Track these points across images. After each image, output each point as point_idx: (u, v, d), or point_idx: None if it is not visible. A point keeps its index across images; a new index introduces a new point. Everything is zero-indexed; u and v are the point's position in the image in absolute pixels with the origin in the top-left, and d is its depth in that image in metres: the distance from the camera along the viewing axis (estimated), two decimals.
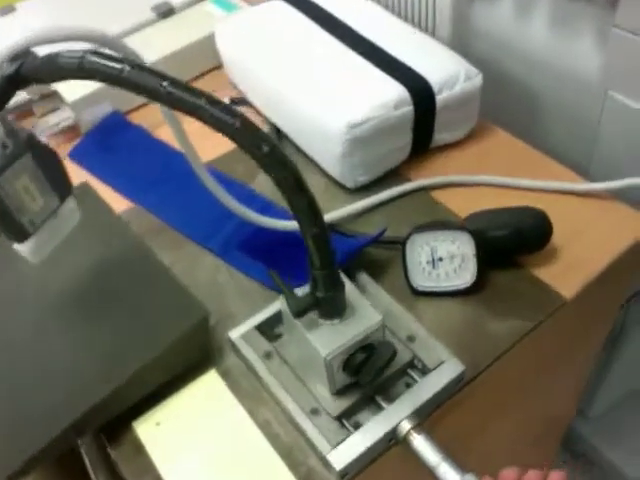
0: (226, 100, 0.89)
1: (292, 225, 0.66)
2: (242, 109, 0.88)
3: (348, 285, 0.52)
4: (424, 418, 0.54)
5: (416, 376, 0.55)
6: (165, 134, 0.84)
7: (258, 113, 0.85)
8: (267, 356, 0.57)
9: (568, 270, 0.64)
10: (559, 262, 0.65)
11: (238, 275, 0.68)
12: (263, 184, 0.77)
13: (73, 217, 0.53)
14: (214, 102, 0.38)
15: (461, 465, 0.49)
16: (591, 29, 0.74)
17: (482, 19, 0.84)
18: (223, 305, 0.65)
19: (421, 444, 0.51)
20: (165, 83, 0.37)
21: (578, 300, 0.63)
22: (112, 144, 0.85)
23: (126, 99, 0.88)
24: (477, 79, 0.73)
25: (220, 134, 0.40)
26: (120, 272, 0.59)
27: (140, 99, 0.89)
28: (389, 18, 0.82)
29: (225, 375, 0.59)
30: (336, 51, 0.77)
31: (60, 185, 0.49)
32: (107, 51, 0.42)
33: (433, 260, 0.62)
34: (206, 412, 0.56)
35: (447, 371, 0.55)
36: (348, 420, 0.53)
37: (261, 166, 0.40)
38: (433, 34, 0.86)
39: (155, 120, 0.87)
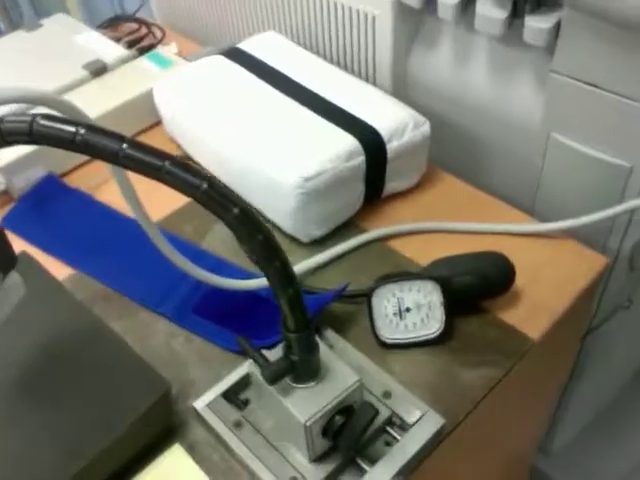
0: None
1: (250, 284, 0.64)
2: None
3: (320, 345, 0.49)
4: (408, 476, 0.51)
5: (395, 433, 0.53)
6: (104, 196, 0.81)
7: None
8: (237, 425, 0.54)
9: (533, 311, 0.64)
10: (523, 304, 0.65)
11: (195, 340, 0.64)
12: (213, 243, 0.74)
13: (17, 291, 0.49)
14: (178, 164, 0.35)
15: None
16: (530, 74, 0.76)
17: (421, 68, 0.85)
18: (182, 373, 0.61)
19: None
20: (124, 145, 0.34)
21: (545, 339, 0.62)
22: (48, 209, 0.80)
23: (59, 161, 0.84)
24: (425, 127, 0.74)
25: (169, 193, 0.37)
26: (71, 349, 0.55)
27: (74, 161, 0.86)
28: (332, 70, 0.82)
29: (191, 449, 0.55)
30: (282, 104, 0.76)
31: (2, 258, 0.45)
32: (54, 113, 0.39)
33: (400, 311, 0.60)
34: None
35: (427, 426, 0.53)
36: None
37: (231, 229, 0.38)
38: (374, 84, 0.87)
39: (92, 182, 0.83)
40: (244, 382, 0.57)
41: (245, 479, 0.52)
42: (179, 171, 0.35)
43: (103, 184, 0.83)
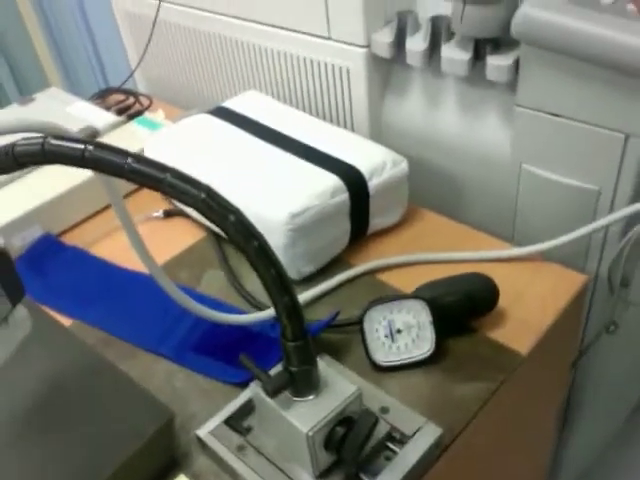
0: (159, 213, 0.89)
1: (248, 319, 0.66)
2: (177, 220, 0.89)
3: (319, 361, 0.52)
4: None
5: (396, 448, 0.54)
6: (101, 251, 0.84)
7: (195, 223, 0.86)
8: (240, 449, 0.55)
9: (519, 328, 0.67)
10: (509, 323, 0.68)
11: (195, 377, 0.66)
12: (209, 287, 0.76)
13: (25, 325, 0.51)
14: (178, 176, 0.39)
15: None
16: (496, 110, 0.81)
17: (395, 113, 0.91)
18: (184, 409, 0.62)
19: None
20: (129, 160, 0.37)
21: (533, 355, 0.65)
22: (46, 267, 0.83)
23: (56, 221, 0.87)
24: (403, 165, 0.78)
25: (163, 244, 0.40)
26: (77, 383, 0.56)
27: (70, 220, 0.89)
28: (312, 119, 0.87)
29: (196, 478, 0.55)
30: (267, 152, 0.80)
31: (12, 288, 0.47)
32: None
33: (391, 333, 0.63)
34: None
35: (426, 436, 0.54)
36: None
37: (228, 235, 0.41)
38: (353, 132, 0.92)
39: (89, 239, 0.86)
40: (246, 409, 0.58)
41: None
42: (180, 182, 0.38)
43: (98, 241, 0.86)
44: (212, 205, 0.39)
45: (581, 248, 0.80)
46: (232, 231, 0.40)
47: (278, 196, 0.72)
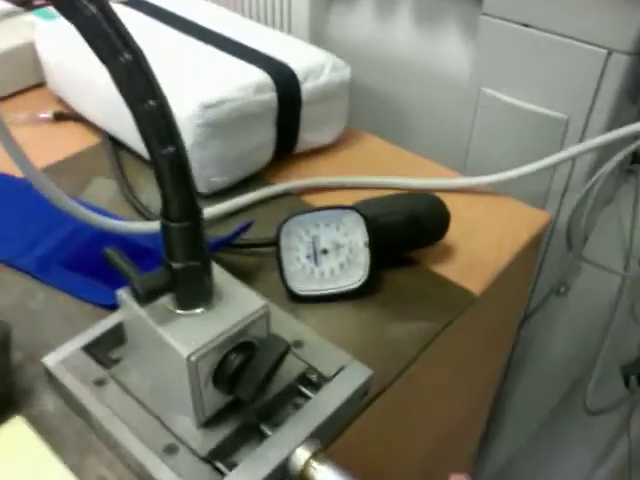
0: (49, 114, 0.73)
1: (140, 227, 0.51)
2: (69, 124, 0.73)
3: (216, 267, 0.38)
4: (327, 443, 0.39)
5: (310, 393, 0.41)
6: None
7: (90, 126, 0.71)
8: (99, 384, 0.40)
9: (471, 266, 0.55)
10: (458, 258, 0.56)
11: (59, 298, 0.51)
12: (95, 196, 0.61)
13: None
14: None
15: None
16: (458, 25, 0.69)
17: (341, 23, 0.77)
18: (37, 334, 0.47)
19: (328, 478, 0.36)
20: None
21: (486, 296, 0.53)
22: None
23: None
24: (345, 71, 0.65)
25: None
26: None
27: None
28: (241, 19, 0.73)
29: (37, 421, 0.41)
30: (186, 45, 0.65)
31: None
32: None
33: (315, 254, 0.50)
34: (8, 477, 0.38)
35: (350, 378, 0.41)
36: (223, 461, 0.37)
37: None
38: None
39: None
40: (115, 337, 0.44)
41: (106, 455, 0.39)
42: None
43: None
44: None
45: (540, 188, 0.70)
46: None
47: (191, 86, 0.58)
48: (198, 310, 0.36)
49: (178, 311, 0.36)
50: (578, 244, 0.73)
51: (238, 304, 0.37)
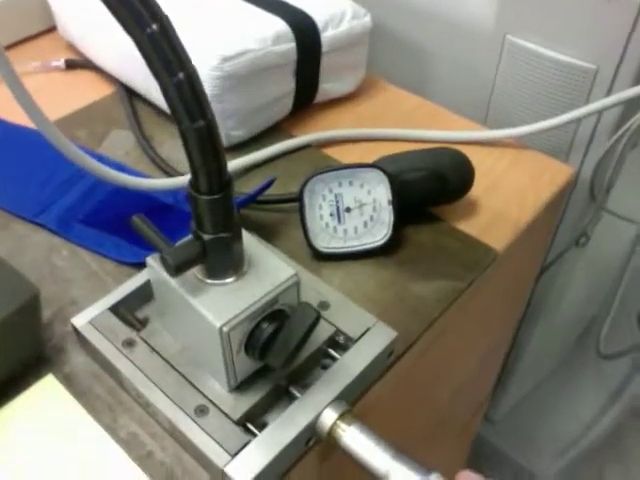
0: (60, 62, 0.72)
1: (161, 184, 0.51)
2: (82, 72, 0.71)
3: (246, 235, 0.38)
4: (354, 403, 0.40)
5: (337, 355, 0.41)
6: None
7: (104, 75, 0.69)
8: (128, 345, 0.41)
9: (493, 222, 0.54)
10: (481, 214, 0.55)
11: (82, 255, 0.51)
12: (112, 149, 0.61)
13: None
14: None
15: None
16: None
17: None
18: (63, 291, 0.48)
19: (355, 439, 0.37)
20: None
21: (509, 253, 0.53)
22: None
23: None
24: (366, 19, 0.63)
25: None
26: None
27: None
28: None
29: (69, 379, 0.42)
30: None
31: None
32: None
33: (338, 212, 0.49)
34: (42, 434, 0.39)
35: (376, 339, 0.42)
36: (253, 423, 0.38)
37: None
38: None
39: None
40: (143, 295, 0.44)
41: (137, 413, 0.40)
42: None
43: None
44: None
45: (565, 141, 0.68)
46: None
47: (208, 38, 0.56)
48: (229, 280, 0.36)
49: (208, 281, 0.36)
50: (601, 196, 0.72)
51: (268, 273, 0.37)
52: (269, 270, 0.37)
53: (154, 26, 0.28)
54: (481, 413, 0.97)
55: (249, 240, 0.38)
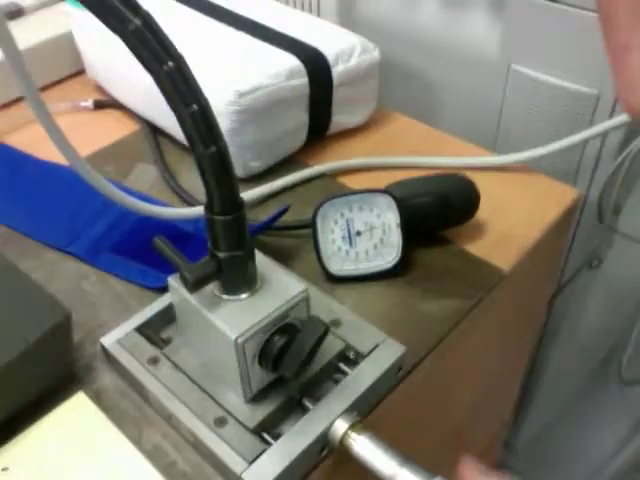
0: (89, 103, 0.76)
1: (182, 213, 0.54)
2: (109, 112, 0.76)
3: (259, 255, 0.40)
4: (364, 415, 0.42)
5: (347, 369, 0.44)
6: (13, 141, 0.70)
7: (129, 113, 0.73)
8: (153, 362, 0.44)
9: (500, 243, 0.56)
10: (488, 236, 0.57)
11: (109, 281, 0.54)
12: (138, 182, 0.64)
13: None
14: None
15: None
16: (486, 2, 0.70)
17: (370, 5, 0.78)
18: (92, 316, 0.51)
19: (365, 447, 0.39)
20: None
21: (515, 273, 0.55)
22: None
23: None
24: (375, 53, 0.66)
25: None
26: None
27: None
28: (271, 2, 0.74)
29: (98, 396, 0.45)
30: (217, 31, 0.67)
31: None
32: None
33: (350, 236, 0.52)
34: (73, 448, 0.42)
35: (385, 354, 0.44)
36: (269, 433, 0.40)
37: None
38: None
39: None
40: (166, 317, 0.47)
41: (161, 426, 0.42)
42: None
43: (11, 131, 0.72)
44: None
45: (571, 165, 0.70)
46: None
47: (225, 74, 0.60)
48: (243, 295, 0.39)
49: (224, 296, 0.39)
50: (610, 217, 0.74)
51: (280, 289, 0.40)
52: (280, 286, 0.40)
53: (170, 64, 0.31)
54: (501, 439, 0.98)
55: (262, 259, 0.41)
